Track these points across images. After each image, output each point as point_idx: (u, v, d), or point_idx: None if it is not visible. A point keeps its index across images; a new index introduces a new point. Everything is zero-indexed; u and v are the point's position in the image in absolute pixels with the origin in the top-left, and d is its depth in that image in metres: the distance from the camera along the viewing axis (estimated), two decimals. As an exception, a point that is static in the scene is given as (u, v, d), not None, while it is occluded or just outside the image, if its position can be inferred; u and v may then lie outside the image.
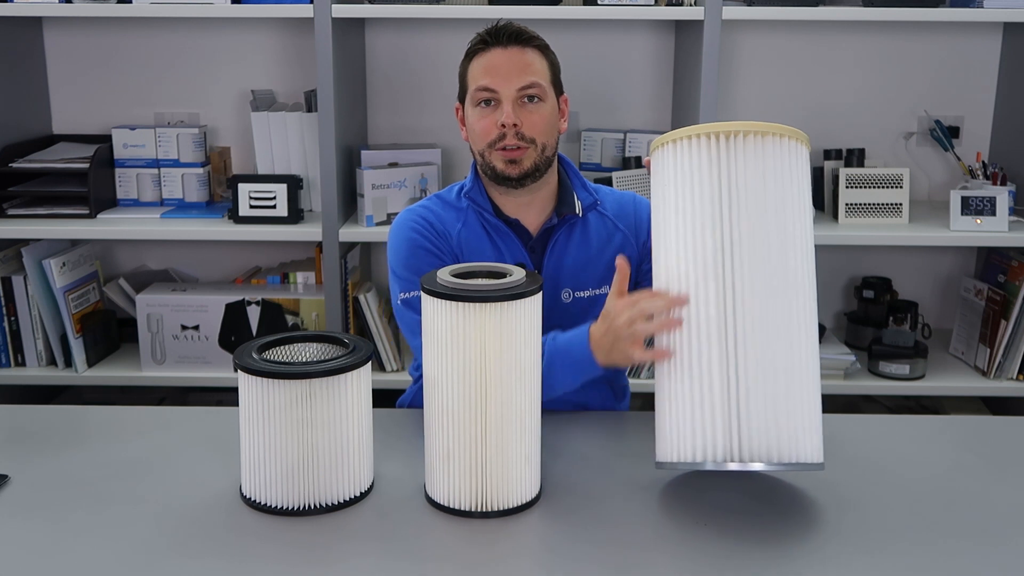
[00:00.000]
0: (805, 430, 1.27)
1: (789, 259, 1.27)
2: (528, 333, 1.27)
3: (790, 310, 1.27)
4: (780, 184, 1.28)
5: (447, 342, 1.25)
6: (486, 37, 1.65)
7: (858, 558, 1.21)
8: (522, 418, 1.29)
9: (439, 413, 1.28)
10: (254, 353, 1.31)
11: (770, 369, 1.25)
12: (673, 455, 1.29)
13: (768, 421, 1.24)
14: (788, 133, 1.30)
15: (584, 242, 1.71)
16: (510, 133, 1.62)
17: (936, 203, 2.77)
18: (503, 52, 1.63)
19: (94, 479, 1.39)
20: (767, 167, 1.28)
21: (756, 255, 1.26)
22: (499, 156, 1.64)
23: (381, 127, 2.80)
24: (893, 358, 2.52)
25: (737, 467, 1.24)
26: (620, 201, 1.77)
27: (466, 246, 1.68)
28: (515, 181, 1.65)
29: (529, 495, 1.32)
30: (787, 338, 1.26)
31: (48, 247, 2.56)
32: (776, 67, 2.78)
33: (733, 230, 1.26)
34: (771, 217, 1.27)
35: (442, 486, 1.30)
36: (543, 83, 1.64)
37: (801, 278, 1.29)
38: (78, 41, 2.77)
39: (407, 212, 1.73)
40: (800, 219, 1.29)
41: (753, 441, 1.24)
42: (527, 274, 1.31)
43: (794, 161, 1.30)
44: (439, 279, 1.28)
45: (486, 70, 1.63)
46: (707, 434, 1.25)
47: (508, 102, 1.62)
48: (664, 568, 1.20)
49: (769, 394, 1.24)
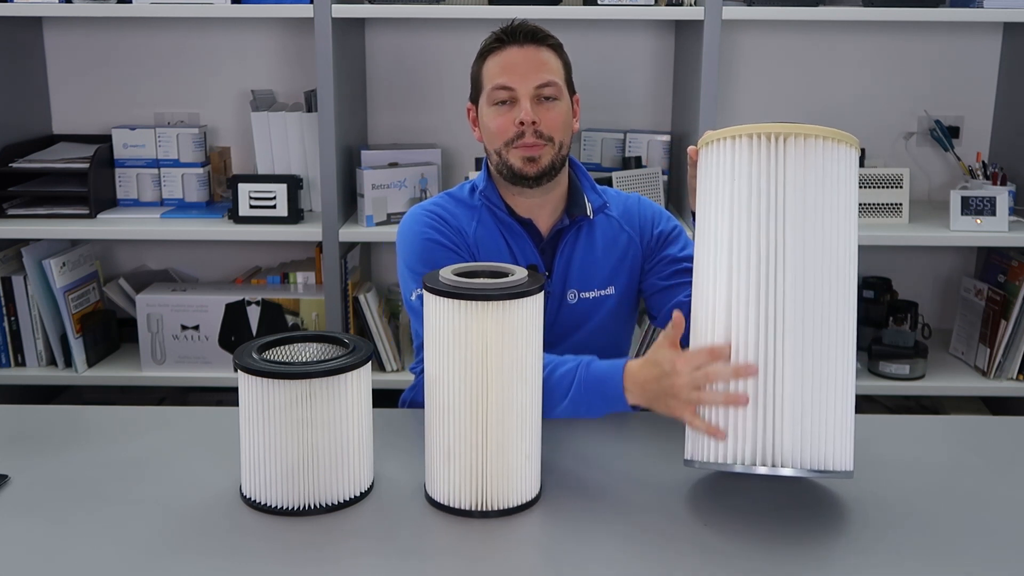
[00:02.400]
0: (836, 438, 1.26)
1: (832, 267, 1.25)
2: (529, 332, 1.27)
3: (830, 318, 1.25)
4: (828, 190, 1.26)
5: (448, 341, 1.25)
6: (502, 36, 1.64)
7: (858, 558, 1.21)
8: (523, 417, 1.29)
9: (440, 412, 1.29)
10: (254, 353, 1.31)
11: (807, 376, 1.24)
12: (702, 455, 1.29)
13: (800, 427, 1.24)
14: (839, 137, 1.27)
15: (591, 244, 1.71)
16: (528, 131, 1.61)
17: (936, 203, 2.77)
18: (520, 51, 1.63)
19: (94, 479, 1.39)
20: (818, 173, 1.25)
21: (799, 262, 1.24)
22: (517, 154, 1.63)
23: (381, 127, 2.80)
24: (893, 358, 2.52)
25: (766, 471, 1.24)
26: (625, 203, 1.77)
27: (482, 245, 1.67)
28: (532, 180, 1.64)
29: (529, 495, 1.32)
30: (825, 346, 1.25)
31: (48, 247, 2.56)
32: (776, 67, 2.78)
33: (778, 235, 1.24)
34: (817, 223, 1.25)
35: (442, 485, 1.30)
36: (559, 82, 1.64)
37: (842, 286, 1.27)
38: (78, 41, 2.77)
39: (418, 208, 1.71)
40: (846, 225, 1.27)
41: (784, 447, 1.24)
42: (528, 274, 1.31)
43: (844, 167, 1.27)
44: (441, 277, 1.29)
45: (503, 68, 1.63)
46: (738, 436, 1.25)
47: (526, 99, 1.61)
48: (664, 568, 1.20)
49: (804, 401, 1.24)
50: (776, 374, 1.24)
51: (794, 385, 1.24)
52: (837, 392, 1.26)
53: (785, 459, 1.24)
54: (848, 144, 1.28)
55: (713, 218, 1.29)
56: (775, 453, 1.24)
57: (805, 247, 1.24)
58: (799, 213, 1.24)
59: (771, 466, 1.24)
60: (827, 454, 1.25)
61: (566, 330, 1.68)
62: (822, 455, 1.25)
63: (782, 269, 1.24)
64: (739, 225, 1.26)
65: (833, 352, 1.26)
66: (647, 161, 2.63)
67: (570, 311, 1.69)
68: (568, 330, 1.69)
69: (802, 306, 1.24)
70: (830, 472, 1.25)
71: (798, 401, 1.24)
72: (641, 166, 2.59)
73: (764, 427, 1.24)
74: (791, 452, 1.24)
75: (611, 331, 1.74)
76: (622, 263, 1.72)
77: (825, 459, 1.25)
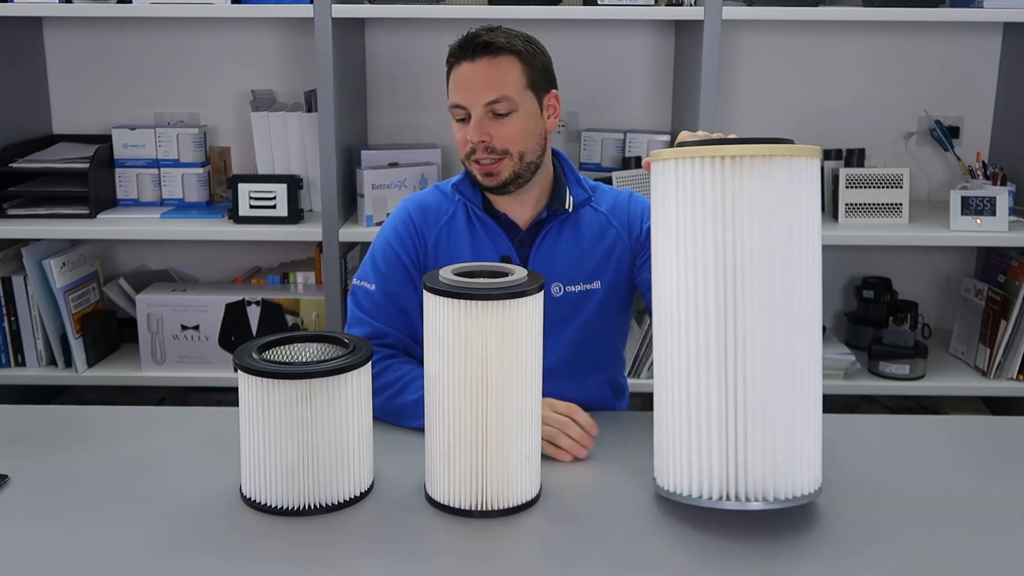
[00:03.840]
0: (804, 466, 1.26)
1: (795, 292, 1.22)
2: (529, 332, 1.28)
3: (793, 345, 1.23)
4: (787, 211, 1.21)
5: (448, 340, 1.26)
6: (456, 50, 1.64)
7: (858, 558, 1.21)
8: (523, 417, 1.29)
9: (440, 412, 1.29)
10: (254, 353, 1.31)
11: (770, 408, 1.22)
12: (671, 486, 1.29)
13: (766, 462, 1.23)
14: (796, 152, 1.22)
15: (576, 237, 1.71)
16: (479, 148, 1.63)
17: (936, 203, 2.77)
18: (471, 66, 1.62)
19: (94, 479, 1.39)
20: (774, 194, 1.21)
21: (759, 289, 1.21)
22: (476, 168, 1.66)
23: (381, 127, 2.80)
24: (893, 358, 2.52)
25: (734, 507, 1.24)
26: (616, 198, 1.77)
27: (446, 238, 1.71)
28: (495, 190, 1.67)
29: (529, 494, 1.32)
30: (790, 375, 1.23)
31: (48, 247, 2.56)
32: (776, 67, 2.78)
33: (736, 261, 1.21)
34: (776, 247, 1.21)
35: (442, 485, 1.30)
36: (512, 94, 1.61)
37: (806, 311, 1.24)
38: (78, 41, 2.77)
39: (405, 203, 1.76)
40: (807, 245, 1.23)
41: (751, 481, 1.24)
42: (529, 273, 1.31)
43: (804, 182, 1.23)
44: (441, 277, 1.29)
45: (456, 86, 1.64)
46: (703, 471, 1.25)
47: (476, 117, 1.62)
48: (664, 567, 1.20)
49: (768, 434, 1.23)
50: (739, 408, 1.22)
51: (758, 420, 1.22)
52: (803, 423, 1.25)
53: (752, 494, 1.24)
54: (807, 156, 1.23)
55: (671, 243, 1.25)
56: (740, 488, 1.24)
57: (765, 273, 1.21)
58: (758, 238, 1.20)
59: (738, 500, 1.24)
60: (795, 483, 1.25)
61: (555, 323, 1.69)
62: (790, 486, 1.24)
63: (742, 298, 1.21)
64: (695, 252, 1.22)
65: (798, 382, 1.24)
66: (647, 161, 2.63)
67: (557, 304, 1.70)
68: (557, 323, 1.69)
69: (765, 336, 1.21)
70: (799, 499, 1.25)
71: (762, 436, 1.22)
72: (641, 166, 2.59)
73: (728, 463, 1.24)
74: (757, 486, 1.24)
75: (603, 326, 1.75)
76: (608, 258, 1.72)
77: (793, 488, 1.25)
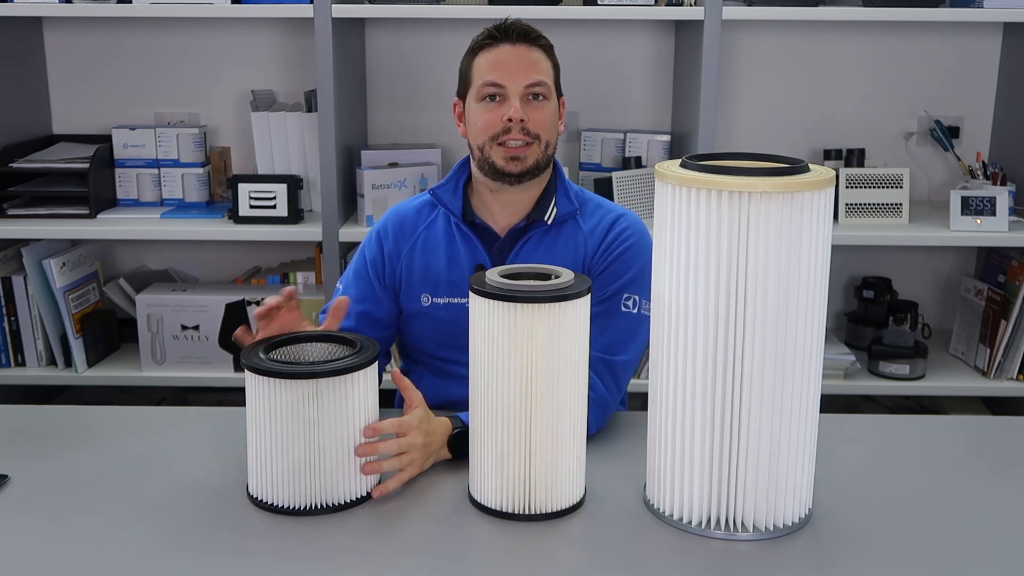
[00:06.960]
0: (795, 495, 1.26)
1: (795, 322, 1.19)
2: (577, 334, 1.26)
3: (792, 382, 1.21)
4: (793, 246, 1.17)
5: (496, 343, 1.24)
6: (495, 32, 1.65)
7: (858, 558, 1.21)
8: (572, 420, 1.28)
9: (488, 414, 1.27)
10: (261, 353, 1.31)
11: (764, 443, 1.22)
12: (664, 511, 1.29)
13: (758, 495, 1.23)
14: (811, 186, 1.17)
15: (551, 249, 1.68)
16: (516, 128, 1.62)
17: (936, 203, 2.77)
18: (512, 49, 1.63)
19: (94, 479, 1.39)
20: (782, 229, 1.16)
21: (760, 328, 1.18)
22: (500, 152, 1.63)
23: (381, 127, 2.80)
24: (893, 358, 2.52)
25: (723, 536, 1.24)
26: (602, 219, 1.70)
27: (422, 246, 1.71)
28: (514, 177, 1.64)
29: (575, 498, 1.31)
30: (787, 411, 1.22)
31: (48, 247, 2.56)
32: (776, 67, 2.78)
33: (737, 293, 1.18)
34: (779, 278, 1.17)
35: (489, 488, 1.29)
36: (548, 82, 1.65)
37: (806, 340, 1.21)
38: (78, 41, 2.76)
39: (389, 212, 1.78)
40: (813, 275, 1.20)
41: (741, 511, 1.24)
42: (576, 276, 1.30)
43: (815, 216, 1.18)
44: (488, 280, 1.27)
45: (494, 65, 1.63)
46: (695, 500, 1.25)
47: (515, 97, 1.62)
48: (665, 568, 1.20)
49: (762, 469, 1.22)
50: (732, 442, 1.22)
51: (751, 455, 1.22)
52: (797, 456, 1.25)
53: (742, 524, 1.24)
54: (821, 188, 1.18)
55: (669, 270, 1.22)
56: (731, 518, 1.24)
57: (766, 309, 1.18)
58: (761, 273, 1.17)
59: (727, 530, 1.24)
60: (785, 513, 1.25)
61: None
62: (780, 516, 1.25)
63: (740, 336, 1.19)
64: (696, 283, 1.19)
65: (795, 417, 1.23)
66: (647, 161, 2.63)
67: None
68: None
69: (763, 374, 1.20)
70: (789, 528, 1.25)
71: (755, 471, 1.22)
72: (641, 166, 2.59)
73: (720, 495, 1.24)
74: (748, 517, 1.24)
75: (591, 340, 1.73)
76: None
77: (783, 518, 1.25)
